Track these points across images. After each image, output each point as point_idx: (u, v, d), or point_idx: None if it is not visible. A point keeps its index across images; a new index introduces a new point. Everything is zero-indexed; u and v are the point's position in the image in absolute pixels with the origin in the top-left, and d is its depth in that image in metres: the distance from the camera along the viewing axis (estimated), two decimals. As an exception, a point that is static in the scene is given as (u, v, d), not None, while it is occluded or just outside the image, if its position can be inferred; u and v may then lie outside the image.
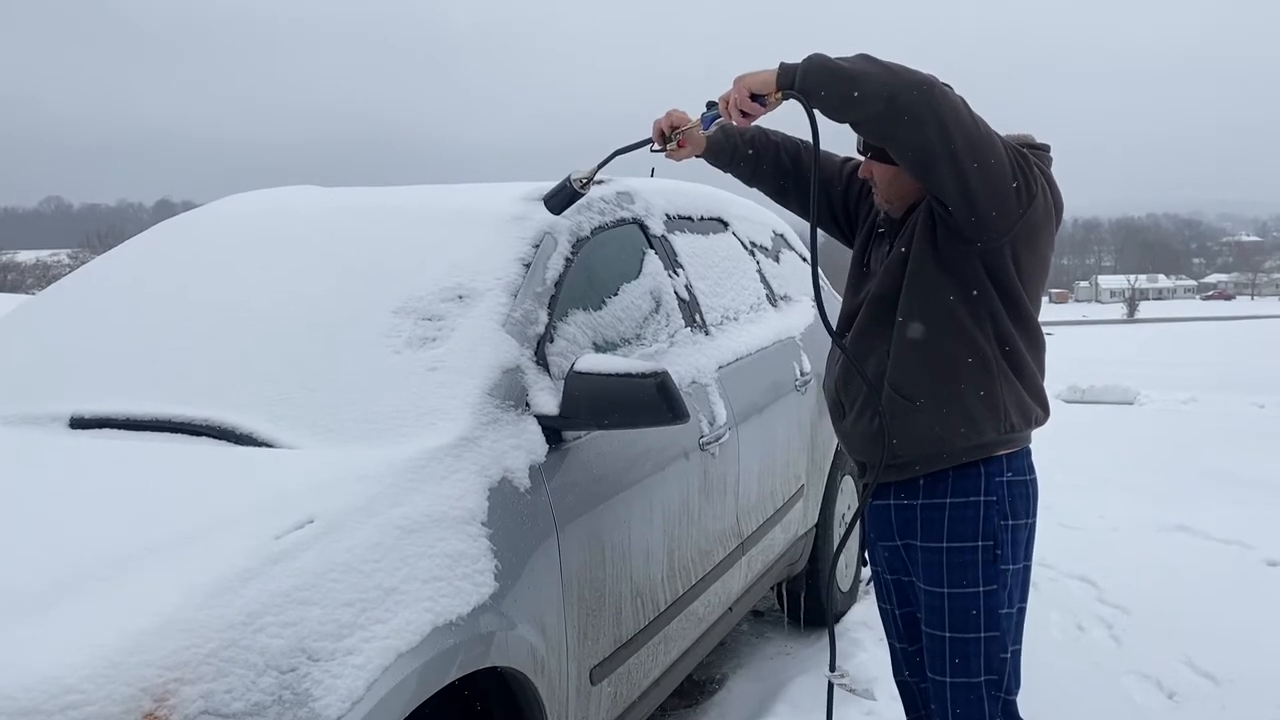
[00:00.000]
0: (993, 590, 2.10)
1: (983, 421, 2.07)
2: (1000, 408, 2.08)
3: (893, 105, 1.83)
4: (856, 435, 2.20)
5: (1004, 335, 2.07)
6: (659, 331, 2.82)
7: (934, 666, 2.16)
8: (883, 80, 1.83)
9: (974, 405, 2.06)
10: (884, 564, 2.31)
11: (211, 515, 1.61)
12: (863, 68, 1.84)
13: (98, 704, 1.24)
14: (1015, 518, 2.12)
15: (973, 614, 2.11)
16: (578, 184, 2.27)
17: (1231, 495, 5.74)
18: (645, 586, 2.44)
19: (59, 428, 2.08)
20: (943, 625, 2.13)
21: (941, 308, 2.05)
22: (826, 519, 3.90)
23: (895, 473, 2.16)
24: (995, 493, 2.11)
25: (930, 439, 2.09)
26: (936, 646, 2.15)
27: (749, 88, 1.94)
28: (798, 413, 3.56)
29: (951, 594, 2.11)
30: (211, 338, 2.28)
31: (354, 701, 1.46)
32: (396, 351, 2.13)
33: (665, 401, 2.10)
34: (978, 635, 2.11)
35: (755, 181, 2.47)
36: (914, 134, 1.86)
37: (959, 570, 2.11)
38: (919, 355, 2.08)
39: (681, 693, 3.39)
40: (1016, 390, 2.10)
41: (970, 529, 2.10)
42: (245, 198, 3.10)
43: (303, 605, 1.48)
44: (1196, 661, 3.47)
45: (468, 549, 1.79)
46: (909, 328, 2.08)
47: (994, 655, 2.12)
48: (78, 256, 57.21)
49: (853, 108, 1.87)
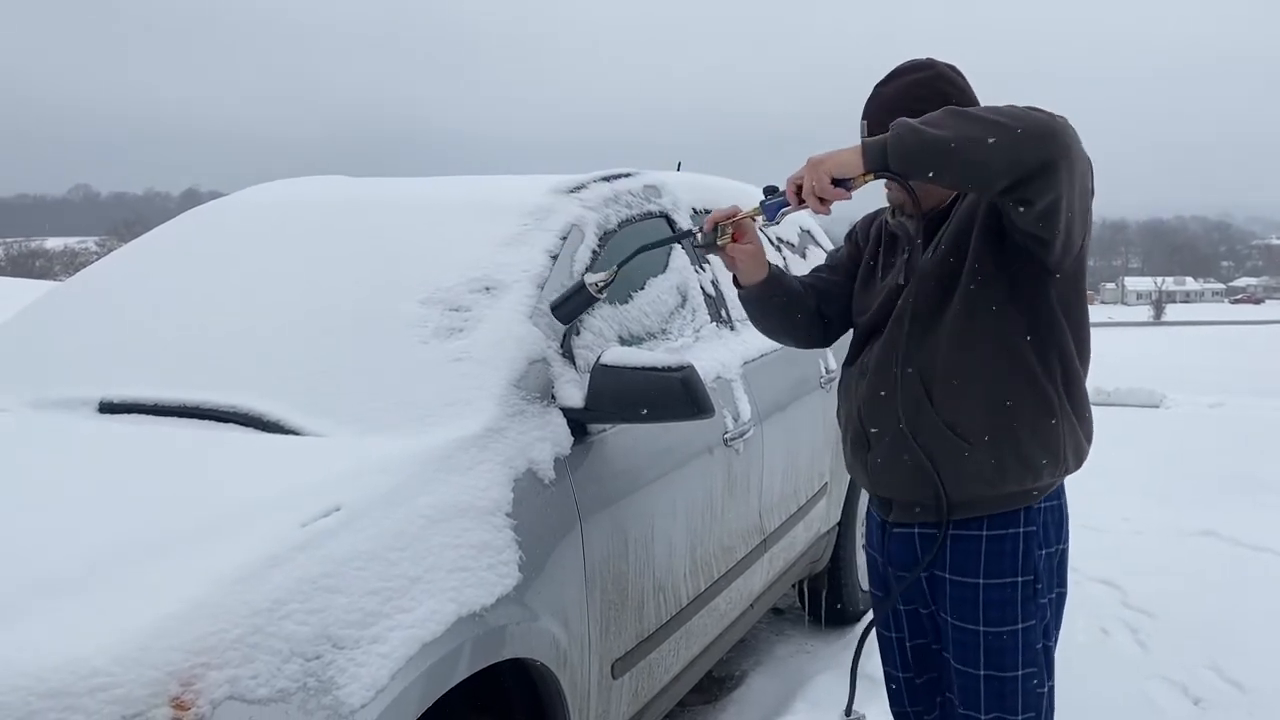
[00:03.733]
0: (1031, 626, 1.93)
1: (1039, 468, 1.87)
2: (1060, 452, 1.88)
3: (1018, 166, 1.60)
4: (886, 472, 1.97)
5: (1070, 373, 1.88)
6: (684, 326, 2.81)
7: (967, 703, 1.97)
8: (999, 142, 1.59)
9: (1033, 450, 1.86)
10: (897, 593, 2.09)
11: (238, 502, 1.61)
12: (967, 131, 1.60)
13: (125, 687, 1.24)
14: (1048, 545, 1.95)
15: (1010, 652, 1.92)
16: (593, 288, 2.03)
17: (1258, 500, 5.66)
18: (667, 581, 2.43)
19: (88, 412, 2.10)
20: (977, 664, 1.94)
21: (1007, 342, 1.84)
22: (849, 517, 3.88)
23: (933, 514, 1.94)
24: (1034, 522, 1.92)
25: (980, 483, 1.87)
26: (971, 684, 1.96)
27: (830, 172, 1.70)
28: (822, 410, 3.54)
29: (988, 633, 1.92)
30: (239, 325, 2.29)
31: (378, 690, 1.46)
32: (424, 342, 2.13)
33: (690, 396, 2.09)
34: (1015, 674, 1.93)
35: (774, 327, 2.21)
36: (1046, 188, 1.63)
37: (997, 608, 1.91)
38: (975, 391, 1.85)
39: (701, 689, 3.38)
40: (1076, 432, 1.91)
41: (1009, 564, 1.91)
42: (272, 187, 3.12)
43: (328, 593, 1.48)
44: (1223, 668, 3.43)
45: (492, 540, 1.79)
46: (965, 359, 1.86)
47: (1031, 691, 1.95)
48: (105, 244, 57.76)
49: (969, 179, 1.67)
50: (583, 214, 2.54)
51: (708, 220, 1.97)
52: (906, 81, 1.92)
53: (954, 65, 1.97)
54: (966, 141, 1.60)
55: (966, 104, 1.91)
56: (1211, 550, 4.81)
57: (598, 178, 2.78)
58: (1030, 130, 1.59)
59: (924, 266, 1.92)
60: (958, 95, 1.91)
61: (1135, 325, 55.14)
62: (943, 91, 1.90)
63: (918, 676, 2.14)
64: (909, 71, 1.94)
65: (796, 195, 1.76)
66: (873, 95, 1.96)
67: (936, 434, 1.88)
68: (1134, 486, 5.94)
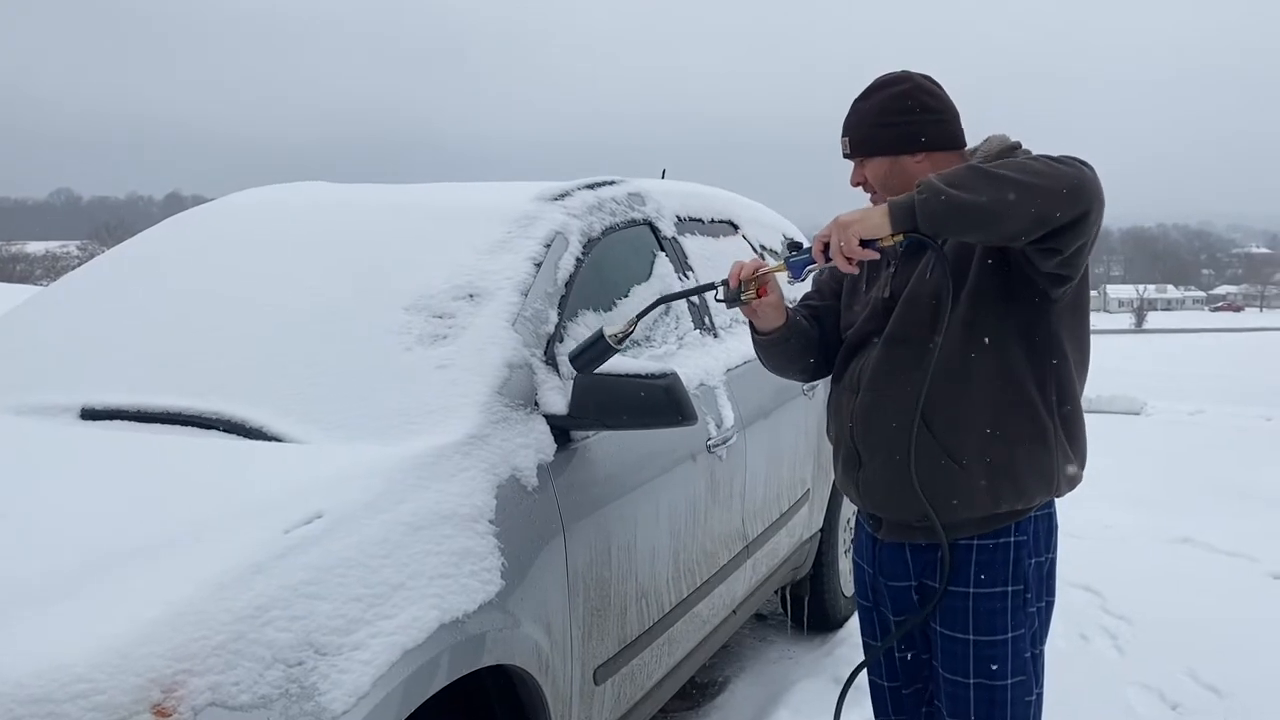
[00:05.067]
0: (1020, 635, 1.94)
1: (1032, 490, 1.89)
2: (1054, 479, 1.90)
3: (1047, 223, 1.63)
4: (879, 488, 1.97)
5: (1066, 399, 1.90)
6: (668, 333, 2.82)
7: (955, 712, 1.98)
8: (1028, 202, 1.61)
9: (1026, 476, 1.88)
10: (888, 604, 2.07)
11: (220, 508, 1.61)
12: (995, 193, 1.61)
13: (107, 693, 1.24)
14: (1038, 554, 1.96)
15: (999, 661, 1.94)
16: (612, 340, 2.01)
17: (1237, 508, 5.72)
18: (650, 587, 2.44)
19: (70, 419, 2.09)
20: (967, 672, 1.95)
21: (1003, 368, 1.86)
22: (831, 523, 3.90)
23: (923, 535, 1.95)
24: (1025, 532, 1.93)
25: (971, 507, 1.89)
26: (960, 693, 1.97)
27: (858, 235, 1.71)
28: (804, 417, 3.56)
29: (978, 641, 1.94)
30: (222, 332, 2.29)
31: (359, 697, 1.46)
32: (407, 349, 2.14)
33: (674, 403, 2.10)
34: (1005, 683, 1.94)
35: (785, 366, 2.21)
36: (1074, 238, 1.68)
37: (986, 617, 1.93)
38: (969, 416, 1.87)
39: (684, 695, 3.39)
40: (1069, 457, 1.92)
41: (1000, 573, 1.92)
42: (256, 193, 3.12)
43: (310, 599, 1.48)
44: (1200, 673, 3.46)
45: (475, 546, 1.79)
46: (960, 385, 1.86)
47: (1019, 700, 1.96)
48: (86, 248, 57.38)
49: (998, 236, 1.69)
50: (567, 221, 2.55)
51: (733, 276, 1.96)
52: (884, 95, 1.95)
53: (929, 75, 1.99)
54: (995, 203, 1.61)
55: (943, 111, 1.95)
56: (1190, 556, 4.86)
57: (582, 185, 2.79)
58: (1059, 188, 1.62)
59: (917, 287, 1.92)
60: (935, 104, 1.94)
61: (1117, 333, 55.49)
62: (921, 102, 1.93)
63: (905, 686, 2.14)
64: (886, 85, 1.96)
65: (823, 254, 1.78)
66: (852, 110, 1.99)
67: (928, 456, 1.88)
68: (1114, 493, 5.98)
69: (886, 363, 1.94)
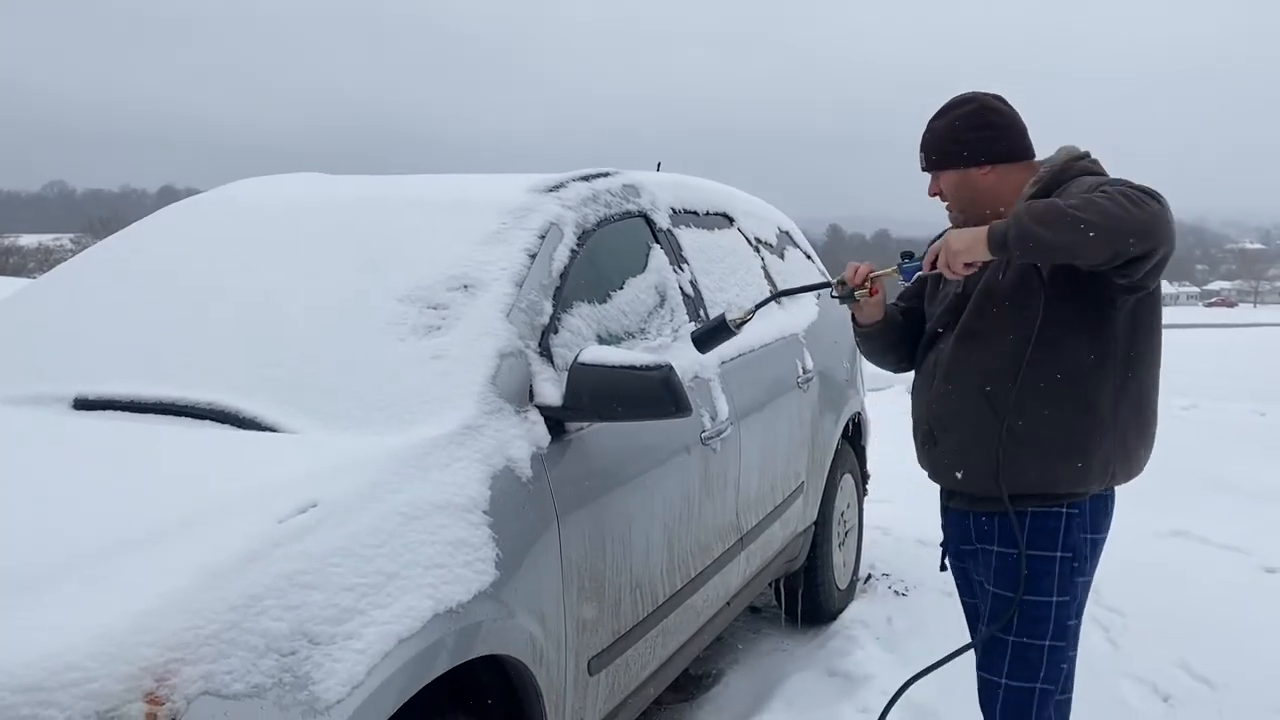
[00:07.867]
0: (1065, 601, 2.11)
1: (1089, 478, 2.09)
2: (1109, 468, 2.10)
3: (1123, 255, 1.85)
4: (950, 470, 2.20)
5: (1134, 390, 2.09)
6: (663, 325, 2.82)
7: (990, 666, 2.16)
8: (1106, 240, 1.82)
9: (1086, 463, 2.07)
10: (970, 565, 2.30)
11: (214, 498, 1.61)
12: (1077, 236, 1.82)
13: (99, 682, 1.24)
14: (1096, 531, 2.15)
15: (1042, 622, 2.10)
16: (733, 324, 2.27)
17: (1230, 502, 5.73)
18: (644, 579, 2.44)
19: (63, 408, 2.09)
20: (1008, 629, 2.12)
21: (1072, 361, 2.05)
22: (826, 516, 3.90)
23: (986, 505, 2.16)
24: (1079, 508, 2.12)
25: (1033, 484, 2.09)
26: (998, 648, 2.14)
27: (964, 259, 1.97)
28: (799, 409, 3.56)
29: (1025, 600, 2.10)
30: (216, 322, 2.29)
31: (354, 686, 1.46)
32: (401, 339, 2.13)
33: (669, 394, 2.10)
34: (1043, 643, 2.11)
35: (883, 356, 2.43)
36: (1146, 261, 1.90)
37: (1034, 578, 2.10)
38: (1036, 404, 2.06)
39: (677, 687, 3.39)
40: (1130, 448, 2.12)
41: (1051, 539, 2.11)
42: (250, 184, 3.10)
43: (304, 589, 1.48)
44: (1193, 666, 3.47)
45: (469, 537, 1.79)
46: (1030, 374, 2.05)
47: (1055, 664, 2.12)
48: (80, 241, 57.18)
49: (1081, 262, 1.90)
50: (561, 213, 2.55)
51: (852, 275, 2.21)
52: (955, 115, 2.16)
53: (999, 95, 2.19)
54: (1075, 244, 1.83)
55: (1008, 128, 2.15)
56: (1182, 550, 4.87)
57: (576, 177, 2.79)
58: (1134, 230, 1.82)
59: (992, 283, 2.12)
60: (1000, 121, 2.14)
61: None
62: (987, 120, 2.14)
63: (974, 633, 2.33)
64: (957, 106, 2.18)
65: (932, 264, 2.02)
66: (927, 129, 2.21)
67: (993, 439, 2.08)
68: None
69: (960, 352, 2.15)
